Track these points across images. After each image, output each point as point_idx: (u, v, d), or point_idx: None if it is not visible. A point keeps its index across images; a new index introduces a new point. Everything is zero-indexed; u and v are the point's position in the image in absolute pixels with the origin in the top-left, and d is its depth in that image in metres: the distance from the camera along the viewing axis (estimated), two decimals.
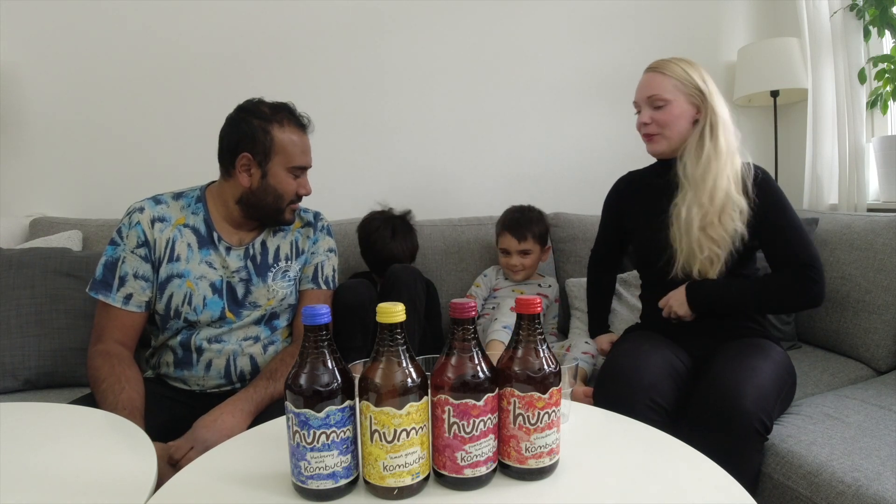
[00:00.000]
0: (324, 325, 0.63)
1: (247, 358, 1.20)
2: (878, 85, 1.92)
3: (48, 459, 0.75)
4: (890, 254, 1.46)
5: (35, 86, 1.76)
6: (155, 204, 1.19)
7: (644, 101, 1.28)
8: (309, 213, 1.35)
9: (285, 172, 1.18)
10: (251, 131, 1.15)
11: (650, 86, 1.26)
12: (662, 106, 1.25)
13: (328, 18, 1.98)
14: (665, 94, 1.24)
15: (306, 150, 1.21)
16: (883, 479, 0.91)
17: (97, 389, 1.03)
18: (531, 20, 2.15)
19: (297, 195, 1.22)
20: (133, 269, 1.15)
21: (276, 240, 1.27)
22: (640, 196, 1.39)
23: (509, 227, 1.70)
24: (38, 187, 1.80)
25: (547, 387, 0.65)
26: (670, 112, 1.24)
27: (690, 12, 2.29)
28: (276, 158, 1.16)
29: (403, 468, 0.63)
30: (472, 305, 0.65)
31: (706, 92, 1.24)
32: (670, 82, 1.24)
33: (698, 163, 1.22)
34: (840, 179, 2.00)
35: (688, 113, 1.25)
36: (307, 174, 1.24)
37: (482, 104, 2.14)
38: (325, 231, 1.35)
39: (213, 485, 0.69)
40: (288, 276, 1.25)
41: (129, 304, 1.14)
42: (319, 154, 1.99)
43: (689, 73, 1.24)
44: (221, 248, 1.20)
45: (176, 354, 1.18)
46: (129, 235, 1.15)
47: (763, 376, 1.05)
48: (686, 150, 1.25)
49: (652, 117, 1.26)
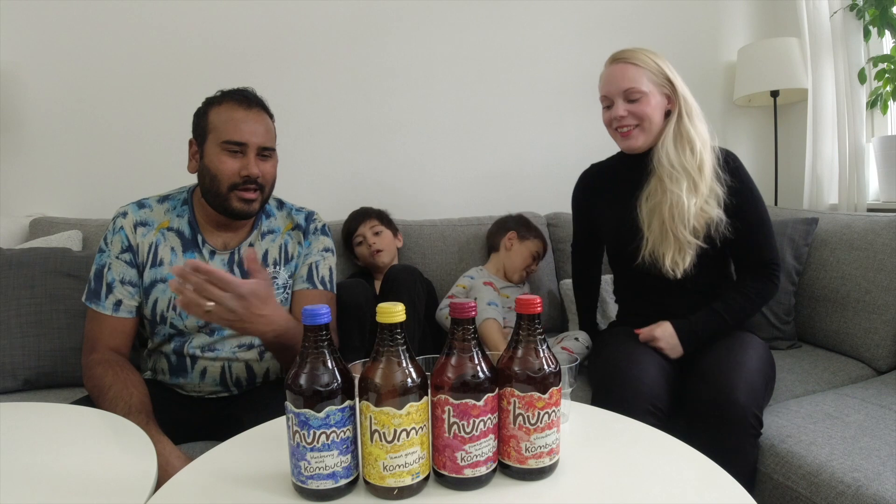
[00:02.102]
0: (324, 325, 0.63)
1: (242, 365, 1.18)
2: (878, 85, 1.92)
3: (48, 459, 0.74)
4: (890, 254, 1.46)
5: (35, 86, 1.76)
6: (138, 208, 1.17)
7: (618, 94, 1.22)
8: (301, 213, 1.28)
9: (218, 150, 1.09)
10: (196, 117, 1.14)
11: (625, 77, 1.21)
12: (639, 98, 1.20)
13: (329, 19, 1.98)
14: (642, 85, 1.20)
15: (245, 125, 1.09)
16: (883, 479, 0.91)
17: (104, 398, 1.00)
18: (530, 20, 2.15)
19: (241, 177, 1.09)
20: (119, 275, 1.13)
21: (265, 244, 1.22)
22: (609, 188, 1.36)
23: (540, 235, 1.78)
24: (38, 187, 1.80)
25: (547, 387, 0.65)
26: (647, 104, 1.21)
27: (690, 12, 2.29)
28: (209, 137, 1.10)
29: (403, 468, 0.63)
30: (472, 305, 0.65)
31: (675, 82, 1.22)
32: (644, 73, 1.21)
33: (683, 152, 1.20)
34: (840, 179, 2.00)
35: (661, 104, 1.22)
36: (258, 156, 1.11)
37: (481, 104, 2.14)
38: (320, 232, 1.27)
39: (213, 485, 0.69)
40: (277, 284, 1.20)
41: (120, 310, 1.13)
42: (319, 154, 2.02)
43: (658, 63, 1.22)
44: (205, 251, 1.17)
45: (170, 362, 1.18)
46: (114, 241, 1.15)
47: (751, 370, 1.07)
48: (665, 141, 1.22)
49: (629, 110, 1.22)
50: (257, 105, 1.14)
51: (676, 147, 1.21)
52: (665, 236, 1.21)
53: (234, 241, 1.20)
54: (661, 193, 1.21)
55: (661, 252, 1.21)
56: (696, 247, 1.20)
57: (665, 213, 1.20)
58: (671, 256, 1.20)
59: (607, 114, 1.26)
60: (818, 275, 1.61)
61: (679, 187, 1.18)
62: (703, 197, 1.19)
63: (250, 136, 1.10)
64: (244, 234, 1.21)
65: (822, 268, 1.61)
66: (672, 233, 1.20)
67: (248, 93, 1.15)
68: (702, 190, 1.19)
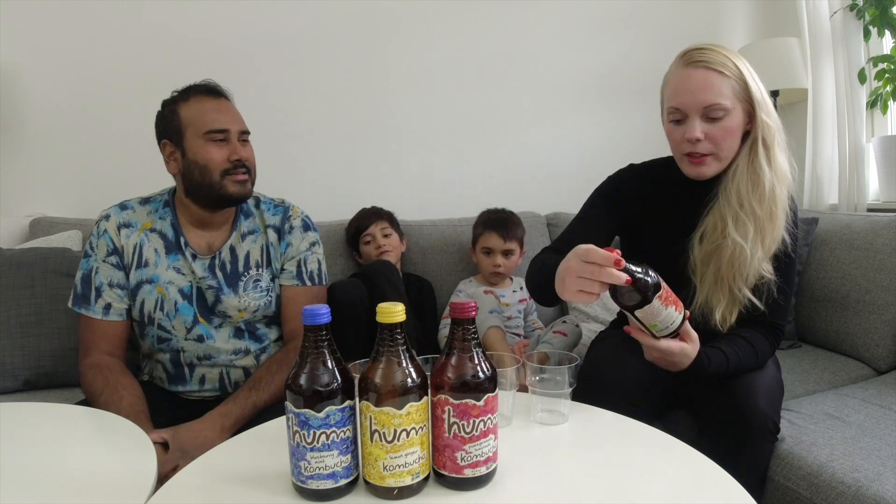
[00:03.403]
0: (324, 325, 0.63)
1: (240, 370, 1.19)
2: (878, 85, 1.92)
3: (48, 459, 0.74)
4: (890, 254, 1.46)
5: (35, 86, 1.76)
6: (121, 210, 1.17)
7: (696, 110, 0.97)
8: (278, 213, 1.24)
9: (202, 141, 1.10)
10: (164, 119, 1.14)
11: (708, 89, 0.96)
12: (721, 117, 0.96)
13: (329, 19, 1.98)
14: (726, 101, 0.95)
15: (220, 113, 1.12)
16: (883, 480, 0.91)
17: (96, 403, 1.02)
18: (530, 20, 2.15)
19: (231, 162, 1.11)
20: (107, 279, 1.14)
21: (246, 245, 1.20)
22: (658, 206, 1.11)
23: (494, 226, 1.69)
24: (38, 187, 1.79)
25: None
26: (728, 125, 0.97)
27: (690, 12, 2.29)
28: (188, 132, 1.11)
29: (403, 468, 0.63)
30: (473, 305, 0.65)
31: (755, 96, 0.97)
32: (729, 86, 0.96)
33: (755, 191, 0.98)
34: (840, 179, 2.00)
35: (741, 124, 0.99)
36: (240, 141, 1.13)
37: (481, 104, 2.14)
38: (301, 228, 1.23)
39: (213, 485, 0.69)
40: (260, 287, 1.19)
41: (110, 313, 1.13)
42: (319, 155, 2.02)
43: (740, 70, 0.97)
44: (188, 253, 1.16)
45: (168, 371, 1.18)
46: (99, 245, 1.15)
47: (768, 376, 1.04)
48: (736, 172, 1.00)
49: (707, 133, 0.97)
50: (223, 94, 1.16)
51: (749, 182, 0.98)
52: (719, 288, 1.02)
53: (217, 242, 1.19)
54: (721, 238, 1.00)
55: (710, 306, 1.02)
56: (748, 303, 1.01)
57: (723, 263, 1.00)
58: (721, 311, 1.02)
59: (677, 130, 1.01)
60: (818, 275, 1.61)
61: (744, 236, 0.98)
62: (767, 250, 0.99)
63: (230, 122, 1.12)
64: (226, 234, 1.20)
65: (822, 268, 1.61)
66: (729, 286, 1.01)
67: (211, 83, 1.16)
68: (768, 241, 0.99)
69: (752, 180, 0.99)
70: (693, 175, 1.04)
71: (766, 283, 1.02)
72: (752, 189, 0.98)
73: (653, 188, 1.13)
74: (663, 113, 1.06)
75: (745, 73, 0.98)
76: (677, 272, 1.00)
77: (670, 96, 1.02)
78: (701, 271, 1.03)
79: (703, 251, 1.03)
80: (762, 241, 0.99)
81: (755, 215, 0.99)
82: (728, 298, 1.02)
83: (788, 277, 1.07)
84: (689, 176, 1.05)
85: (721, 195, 1.02)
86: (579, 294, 0.80)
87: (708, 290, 1.02)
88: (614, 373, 1.02)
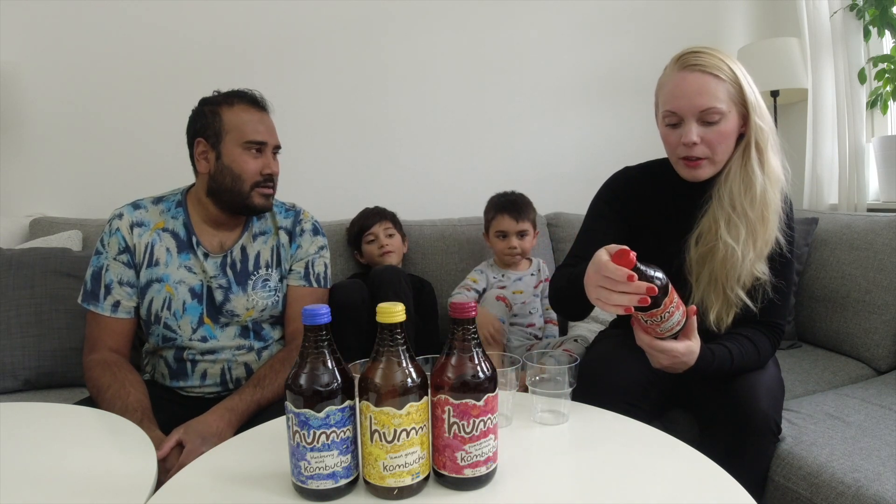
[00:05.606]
0: (324, 325, 0.63)
1: (241, 367, 1.19)
2: (878, 85, 1.92)
3: (48, 459, 0.75)
4: (890, 254, 1.46)
5: (35, 86, 1.76)
6: (134, 209, 1.19)
7: (692, 113, 0.97)
8: (289, 216, 1.28)
9: (240, 150, 1.14)
10: (203, 118, 1.15)
11: (703, 93, 0.96)
12: (717, 121, 0.97)
13: (329, 19, 1.98)
14: (722, 104, 0.96)
15: (261, 125, 1.16)
16: (883, 480, 0.91)
17: (102, 398, 1.03)
18: (530, 21, 2.15)
19: (262, 175, 1.16)
20: (118, 277, 1.15)
21: (257, 245, 1.23)
22: (655, 207, 1.12)
23: (506, 209, 1.67)
24: (38, 187, 1.79)
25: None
26: (724, 128, 0.97)
27: (690, 12, 2.29)
28: (227, 137, 1.14)
29: (403, 468, 0.63)
30: (472, 305, 0.65)
31: (748, 98, 0.98)
32: (725, 89, 0.96)
33: (747, 193, 0.98)
34: (840, 179, 2.00)
35: (736, 127, 0.99)
36: (273, 154, 1.19)
37: (481, 104, 2.14)
38: (311, 232, 1.28)
39: (213, 485, 0.69)
40: (268, 286, 1.21)
41: (118, 311, 1.14)
42: (319, 155, 2.02)
43: (735, 73, 0.98)
44: (199, 253, 1.18)
45: (170, 366, 1.18)
46: (111, 243, 1.16)
47: (769, 376, 1.04)
48: (730, 174, 1.00)
49: (703, 137, 0.97)
50: (266, 107, 1.20)
51: (742, 185, 0.99)
52: (713, 289, 1.03)
53: (229, 241, 1.21)
54: (714, 240, 1.01)
55: (706, 306, 1.03)
56: (742, 304, 1.02)
57: (716, 264, 1.01)
58: (716, 312, 1.03)
59: (672, 133, 1.02)
60: (818, 275, 1.61)
61: (735, 238, 0.99)
62: (759, 252, 1.00)
63: (269, 136, 1.17)
64: (237, 234, 1.23)
65: (822, 268, 1.61)
66: (722, 287, 1.02)
67: (258, 95, 1.20)
68: (759, 244, 1.00)
69: (745, 183, 0.99)
70: (689, 178, 1.04)
71: (762, 284, 1.03)
72: (745, 192, 0.99)
73: (649, 190, 1.14)
74: (658, 116, 1.07)
75: (740, 77, 0.98)
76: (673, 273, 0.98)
77: (666, 100, 1.02)
78: (696, 272, 1.04)
79: (699, 252, 1.04)
80: (754, 243, 1.00)
81: (747, 218, 0.99)
82: (722, 299, 1.03)
83: (786, 277, 1.07)
84: (684, 177, 1.06)
85: (714, 197, 1.02)
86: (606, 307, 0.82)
87: (703, 291, 1.04)
88: (614, 373, 1.04)
